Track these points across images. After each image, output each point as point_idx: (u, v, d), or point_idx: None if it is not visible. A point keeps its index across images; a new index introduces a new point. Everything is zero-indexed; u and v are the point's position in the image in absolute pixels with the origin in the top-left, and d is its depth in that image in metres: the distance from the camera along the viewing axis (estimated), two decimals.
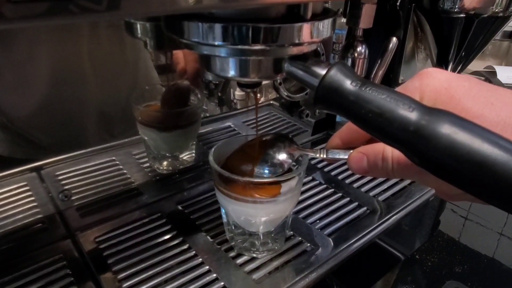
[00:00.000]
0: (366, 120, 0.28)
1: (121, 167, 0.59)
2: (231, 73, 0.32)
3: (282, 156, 0.39)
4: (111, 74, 0.73)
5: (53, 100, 0.68)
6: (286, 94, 0.56)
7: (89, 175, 0.57)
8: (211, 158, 0.40)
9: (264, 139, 0.40)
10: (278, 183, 0.38)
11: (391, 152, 0.31)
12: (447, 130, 0.24)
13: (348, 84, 0.28)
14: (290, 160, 0.39)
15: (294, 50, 0.30)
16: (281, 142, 0.39)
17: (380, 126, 0.27)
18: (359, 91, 0.28)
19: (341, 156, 0.35)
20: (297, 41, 0.29)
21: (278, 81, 0.55)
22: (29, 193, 0.52)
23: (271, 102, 0.83)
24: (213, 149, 0.41)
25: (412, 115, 0.25)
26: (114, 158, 0.61)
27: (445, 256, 0.87)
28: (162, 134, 0.54)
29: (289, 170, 0.40)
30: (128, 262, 0.42)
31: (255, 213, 0.39)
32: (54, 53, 0.65)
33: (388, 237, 0.62)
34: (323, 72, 0.29)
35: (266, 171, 0.38)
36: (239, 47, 0.28)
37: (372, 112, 0.27)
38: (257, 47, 0.28)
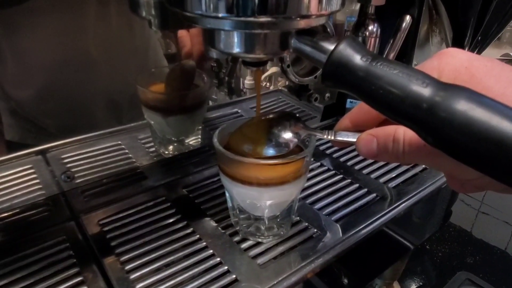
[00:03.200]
0: (376, 97, 0.26)
1: (126, 151, 0.59)
2: (236, 49, 0.31)
3: (287, 135, 0.37)
4: (120, 62, 0.72)
5: (60, 86, 0.68)
6: (294, 77, 0.55)
7: (94, 158, 0.56)
8: (215, 139, 0.39)
9: (268, 117, 0.39)
10: (284, 164, 0.36)
11: (402, 134, 0.30)
12: (463, 106, 0.23)
13: (358, 59, 0.27)
14: (296, 140, 0.37)
15: (302, 23, 0.29)
16: (287, 121, 0.38)
17: (391, 104, 0.26)
18: (369, 66, 0.26)
19: (350, 139, 0.34)
20: (304, 13, 0.27)
21: (287, 63, 0.53)
22: (34, 175, 0.52)
23: (280, 88, 0.81)
24: (217, 131, 0.40)
25: (426, 91, 0.24)
26: (120, 142, 0.61)
27: (456, 247, 0.86)
28: (167, 118, 0.53)
29: (296, 150, 0.38)
30: (131, 244, 0.41)
31: (260, 196, 0.38)
32: (60, 39, 0.65)
33: (397, 226, 0.60)
34: (331, 47, 0.28)
35: (271, 151, 0.36)
36: (244, 19, 0.27)
37: (383, 88, 0.26)
38: (263, 19, 0.27)
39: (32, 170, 0.53)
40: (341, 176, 0.54)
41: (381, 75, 0.26)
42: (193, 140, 0.60)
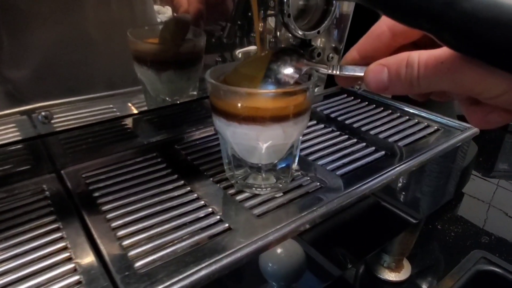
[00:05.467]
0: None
1: (118, 113, 0.55)
2: None
3: (288, 71, 0.34)
4: (120, 43, 0.69)
5: (57, 67, 0.65)
6: (296, 30, 0.51)
7: (83, 119, 0.53)
8: (207, 76, 0.35)
9: (267, 53, 0.35)
10: (283, 93, 0.33)
11: (417, 57, 0.26)
12: None
13: None
14: (297, 75, 0.34)
15: None
16: (288, 56, 0.34)
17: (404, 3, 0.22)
18: None
19: (357, 73, 0.30)
20: None
21: (287, 14, 0.50)
22: (17, 133, 0.48)
23: None
24: (210, 69, 0.36)
25: None
26: (111, 105, 0.57)
27: (470, 227, 0.81)
28: (160, 74, 0.50)
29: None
30: (115, 195, 0.38)
31: (256, 136, 0.34)
32: (58, 18, 0.62)
33: (400, 196, 0.57)
34: None
35: (270, 88, 0.33)
36: None
37: None
38: None
39: (15, 129, 0.50)
40: (347, 136, 0.50)
41: None
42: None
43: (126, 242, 0.32)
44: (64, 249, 0.31)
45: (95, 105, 0.55)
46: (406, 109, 0.57)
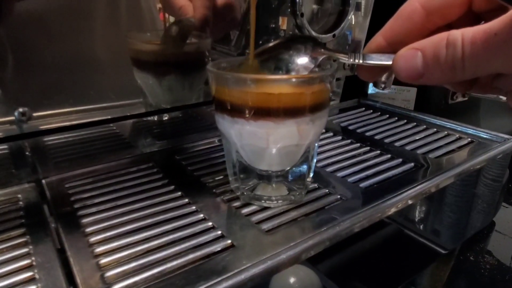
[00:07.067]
0: None
1: (114, 128, 0.51)
2: None
3: (302, 60, 0.29)
4: (129, 64, 0.67)
5: (66, 87, 0.62)
6: (311, 32, 0.47)
7: (71, 120, 0.48)
8: (209, 66, 0.30)
9: (279, 41, 0.30)
10: (296, 80, 0.28)
11: (460, 34, 0.21)
12: None
13: None
14: (313, 65, 0.29)
15: None
16: (302, 44, 0.30)
17: None
18: None
19: (384, 62, 0.25)
20: None
21: (300, 12, 0.46)
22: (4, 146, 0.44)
23: None
24: (213, 61, 0.32)
25: None
26: (109, 116, 0.53)
27: (507, 259, 0.72)
28: (161, 79, 0.46)
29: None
30: (101, 207, 0.32)
31: (266, 134, 0.29)
32: (68, 41, 0.60)
33: (427, 225, 0.50)
34: None
35: None
36: None
37: None
38: None
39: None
40: (368, 148, 0.44)
41: None
42: None
43: (105, 260, 0.26)
44: (28, 267, 0.25)
45: (92, 116, 0.50)
46: (432, 121, 0.52)
